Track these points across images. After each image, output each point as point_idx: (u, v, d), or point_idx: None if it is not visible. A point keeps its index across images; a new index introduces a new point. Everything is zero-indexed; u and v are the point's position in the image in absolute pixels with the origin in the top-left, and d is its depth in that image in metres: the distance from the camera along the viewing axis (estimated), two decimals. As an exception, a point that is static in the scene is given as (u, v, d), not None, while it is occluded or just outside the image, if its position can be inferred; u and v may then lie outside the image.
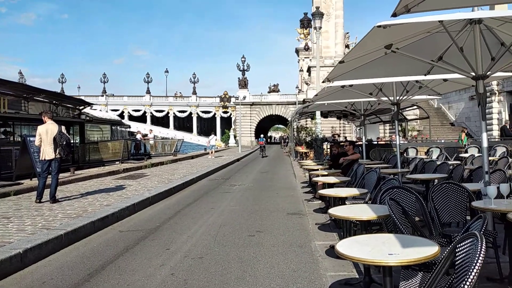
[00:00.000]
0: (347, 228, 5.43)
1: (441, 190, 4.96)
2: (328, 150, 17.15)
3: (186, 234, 6.62)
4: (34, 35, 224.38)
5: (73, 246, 5.97)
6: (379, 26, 3.83)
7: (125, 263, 5.13)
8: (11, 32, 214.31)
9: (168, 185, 11.84)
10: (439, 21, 4.06)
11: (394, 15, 3.40)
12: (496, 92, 33.96)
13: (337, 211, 4.63)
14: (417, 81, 7.99)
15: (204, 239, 6.30)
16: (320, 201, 8.69)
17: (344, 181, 7.71)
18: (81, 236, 6.40)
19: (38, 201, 8.80)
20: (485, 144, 5.14)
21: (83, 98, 58.17)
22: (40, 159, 9.03)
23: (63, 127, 9.35)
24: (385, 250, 3.00)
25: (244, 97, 58.93)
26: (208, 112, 67.05)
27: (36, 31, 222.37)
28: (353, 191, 6.14)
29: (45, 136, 8.72)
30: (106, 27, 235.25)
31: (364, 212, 4.50)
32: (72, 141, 9.19)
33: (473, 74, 4.91)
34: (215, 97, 67.94)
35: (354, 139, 31.46)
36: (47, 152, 8.75)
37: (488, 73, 4.90)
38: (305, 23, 31.63)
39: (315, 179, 8.55)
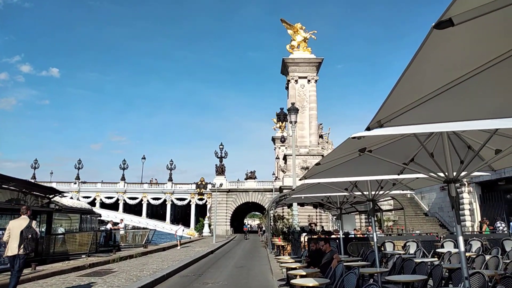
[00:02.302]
0: None
1: (423, 298, 4.78)
2: (306, 243, 16.78)
3: None
4: (11, 119, 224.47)
5: None
6: (354, 138, 3.98)
7: None
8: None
9: (136, 284, 11.07)
10: (414, 134, 4.26)
11: (368, 129, 3.55)
12: (466, 183, 35.13)
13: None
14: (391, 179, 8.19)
15: None
16: (298, 304, 8.21)
17: (323, 283, 7.38)
18: None
19: None
20: (462, 248, 5.10)
21: (55, 185, 56.87)
22: (5, 255, 8.63)
23: (34, 222, 8.92)
24: None
25: (221, 184, 58.71)
26: (183, 199, 65.95)
27: (13, 116, 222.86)
28: (333, 298, 5.84)
29: (15, 231, 8.44)
30: (86, 114, 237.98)
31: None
32: (38, 235, 8.76)
33: (445, 177, 5.05)
34: (191, 183, 67.42)
35: (331, 229, 31.19)
36: (11, 248, 8.39)
37: (460, 175, 5.05)
38: (281, 117, 33.02)
39: (293, 281, 8.19)
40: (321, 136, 56.69)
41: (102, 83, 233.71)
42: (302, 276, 8.34)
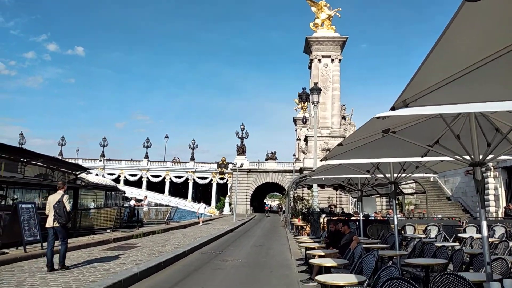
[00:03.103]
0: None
1: (442, 281, 4.75)
2: (325, 224, 16.81)
3: (174, 319, 6.20)
4: (39, 97, 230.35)
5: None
6: (378, 117, 3.90)
7: None
8: (17, 95, 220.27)
9: (158, 259, 11.38)
10: (439, 115, 4.14)
11: (393, 108, 3.46)
12: (491, 168, 34.26)
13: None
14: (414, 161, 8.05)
15: (193, 325, 5.89)
16: (316, 283, 8.29)
17: (341, 264, 7.42)
18: (61, 318, 5.99)
19: (48, 269, 8.99)
20: (485, 233, 4.97)
21: (81, 161, 58.45)
22: (45, 226, 9.53)
23: (65, 196, 9.54)
24: None
25: (242, 164, 59.09)
26: (205, 178, 66.83)
27: (41, 94, 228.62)
28: (351, 279, 5.86)
29: (50, 205, 9.33)
30: (110, 93, 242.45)
31: (363, 306, 4.24)
32: (68, 209, 9.38)
33: (470, 160, 4.92)
34: (213, 163, 68.15)
35: (351, 211, 31.10)
36: (48, 220, 9.29)
37: (486, 159, 4.91)
38: (304, 97, 32.71)
39: (312, 261, 8.23)
40: (343, 118, 56.02)
41: (126, 63, 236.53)
42: (320, 256, 8.39)
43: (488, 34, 2.48)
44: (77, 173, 19.44)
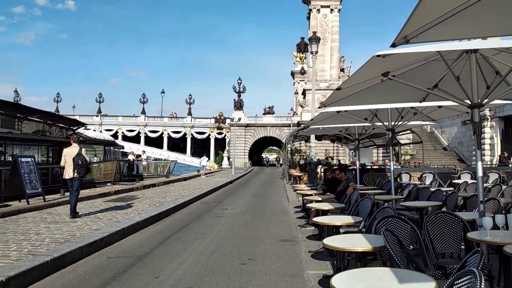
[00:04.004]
0: (340, 257, 5.30)
1: (436, 219, 4.88)
2: (322, 174, 17.07)
3: (176, 261, 6.44)
4: (31, 54, 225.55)
5: (59, 273, 5.76)
6: (378, 56, 3.83)
7: (111, 293, 4.94)
8: (9, 51, 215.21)
9: (159, 209, 11.65)
10: (437, 52, 4.07)
11: (393, 45, 3.40)
12: (489, 117, 34.37)
13: (331, 241, 4.51)
14: (412, 108, 8.03)
15: (195, 267, 6.13)
16: (313, 228, 8.55)
17: (338, 208, 7.61)
18: (68, 262, 6.20)
19: (71, 216, 9.63)
20: (480, 173, 5.08)
21: (77, 117, 58.07)
22: (63, 177, 10.20)
23: (83, 150, 10.08)
24: (381, 286, 2.90)
25: (239, 119, 59.06)
26: (203, 133, 67.04)
27: (33, 51, 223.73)
28: (348, 219, 6.03)
29: (68, 158, 9.72)
30: (103, 48, 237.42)
31: (359, 242, 4.40)
32: (88, 161, 10.16)
33: (469, 102, 4.91)
34: (210, 118, 68.11)
35: (348, 163, 31.49)
36: (68, 172, 9.75)
37: (484, 101, 4.90)
38: (302, 47, 32.11)
39: (309, 205, 8.44)
40: (342, 70, 55.25)
41: (117, 16, 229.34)
42: (317, 202, 8.58)
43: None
44: (74, 128, 19.43)
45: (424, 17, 3.12)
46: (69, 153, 9.81)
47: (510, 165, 20.22)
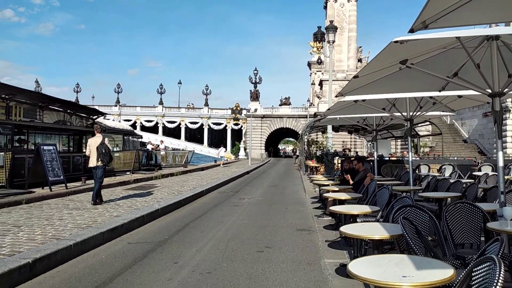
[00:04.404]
0: (358, 246, 5.32)
1: (455, 210, 4.84)
2: (339, 165, 17.00)
3: (195, 248, 6.56)
4: (51, 45, 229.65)
5: (81, 257, 5.95)
6: (396, 42, 3.80)
7: (133, 276, 5.08)
8: (29, 42, 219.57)
9: (178, 197, 11.83)
10: (456, 37, 4.01)
11: (412, 31, 3.37)
12: (511, 109, 33.49)
13: (348, 229, 4.54)
14: (431, 97, 7.91)
15: (213, 253, 6.24)
16: (330, 218, 8.58)
17: (355, 198, 7.60)
18: (90, 247, 6.39)
19: (93, 202, 10.03)
20: (501, 163, 5.00)
21: (97, 107, 59.03)
22: (88, 166, 10.73)
23: (106, 139, 10.48)
24: (399, 272, 2.92)
25: (256, 110, 59.08)
26: (219, 124, 67.35)
27: (53, 41, 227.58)
28: (365, 209, 6.04)
29: (93, 147, 10.14)
30: (121, 38, 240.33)
31: (376, 230, 4.41)
32: (111, 149, 10.81)
33: (489, 91, 4.82)
34: (227, 109, 68.31)
35: (365, 154, 31.22)
36: (92, 161, 10.17)
37: (505, 90, 4.81)
38: (319, 36, 31.80)
39: (325, 195, 8.46)
40: (359, 60, 54.53)
41: (134, 7, 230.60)
42: (334, 192, 8.58)
43: None
44: (94, 117, 19.74)
45: (443, 1, 3.08)
46: (93, 142, 10.22)
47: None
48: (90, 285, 4.80)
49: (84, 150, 19.40)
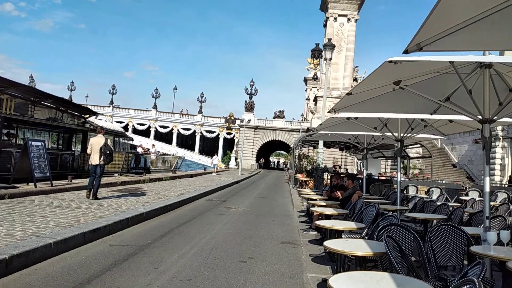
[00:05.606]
0: (341, 262, 5.29)
1: (439, 231, 4.86)
2: (328, 180, 17.02)
3: (177, 254, 6.48)
4: (49, 41, 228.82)
5: (60, 256, 5.83)
6: (390, 61, 3.83)
7: (111, 279, 4.99)
8: (27, 37, 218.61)
9: (164, 202, 11.72)
10: (450, 62, 4.06)
11: (406, 52, 3.39)
12: (501, 137, 34.00)
13: (332, 244, 4.52)
14: (422, 120, 7.99)
15: (195, 260, 6.16)
16: (316, 232, 8.54)
17: (341, 214, 7.60)
18: (71, 246, 6.28)
19: (93, 198, 10.75)
20: (487, 188, 5.05)
21: (90, 107, 58.65)
22: (89, 163, 11.30)
23: (109, 140, 11.26)
24: (379, 289, 2.90)
25: (249, 120, 59.16)
26: (212, 132, 67.25)
27: (51, 38, 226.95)
28: (351, 225, 6.03)
29: (96, 146, 10.77)
30: (120, 40, 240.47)
31: (360, 247, 4.39)
32: (113, 150, 11.56)
33: (480, 117, 4.88)
34: (221, 117, 68.30)
35: (355, 172, 31.32)
36: (94, 159, 10.81)
37: (495, 117, 4.87)
38: (316, 53, 32.05)
39: (312, 209, 8.44)
40: (355, 80, 55.03)
41: (135, 9, 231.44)
42: (321, 206, 8.57)
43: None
44: (86, 116, 19.61)
45: (439, 25, 3.10)
46: (96, 142, 10.87)
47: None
48: (67, 285, 4.70)
49: (73, 149, 19.32)
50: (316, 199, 10.18)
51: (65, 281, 4.84)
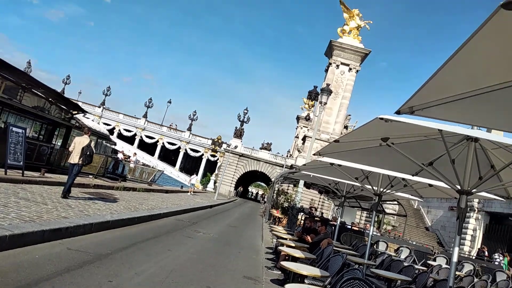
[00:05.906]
0: (299, 309, 5.17)
1: (402, 295, 4.80)
2: (302, 221, 16.93)
3: (134, 271, 6.25)
4: (54, 31, 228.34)
5: (13, 251, 5.58)
6: (381, 119, 3.88)
7: (60, 285, 4.76)
8: (34, 23, 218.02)
9: (133, 214, 11.44)
10: (439, 130, 4.14)
11: (398, 112, 3.45)
12: (476, 209, 34.54)
13: (293, 289, 4.41)
14: (403, 179, 8.08)
15: (151, 280, 5.95)
16: (280, 272, 8.39)
17: (308, 258, 7.50)
18: (27, 242, 6.02)
19: (62, 195, 10.54)
20: (455, 258, 5.05)
21: (80, 104, 58.07)
22: (68, 161, 11.30)
23: (92, 143, 11.22)
24: None
25: (236, 147, 59.16)
26: (197, 151, 66.85)
27: (58, 29, 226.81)
28: (315, 271, 5.93)
29: (78, 146, 10.84)
30: (124, 44, 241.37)
31: (320, 297, 4.30)
32: (94, 152, 11.58)
33: (459, 187, 4.95)
34: (208, 138, 68.12)
35: (330, 217, 31.29)
36: (73, 157, 10.84)
37: (474, 190, 4.94)
38: (313, 95, 32.41)
39: (280, 248, 8.32)
40: (346, 127, 55.91)
41: (147, 17, 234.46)
42: (290, 247, 8.46)
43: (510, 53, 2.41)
44: (74, 112, 19.35)
45: (433, 93, 3.18)
46: (80, 142, 10.96)
47: (486, 259, 20.15)
48: (13, 283, 4.46)
49: (54, 142, 18.93)
50: (286, 239, 10.06)
51: (12, 279, 4.60)
